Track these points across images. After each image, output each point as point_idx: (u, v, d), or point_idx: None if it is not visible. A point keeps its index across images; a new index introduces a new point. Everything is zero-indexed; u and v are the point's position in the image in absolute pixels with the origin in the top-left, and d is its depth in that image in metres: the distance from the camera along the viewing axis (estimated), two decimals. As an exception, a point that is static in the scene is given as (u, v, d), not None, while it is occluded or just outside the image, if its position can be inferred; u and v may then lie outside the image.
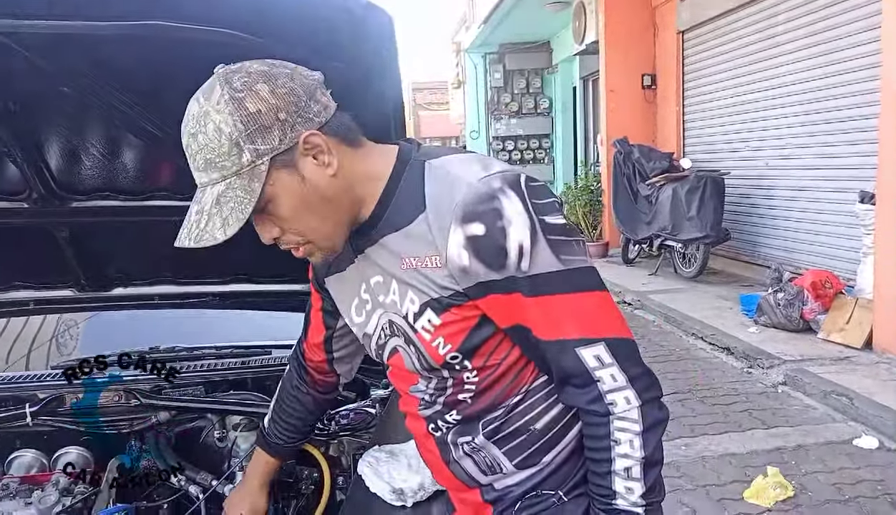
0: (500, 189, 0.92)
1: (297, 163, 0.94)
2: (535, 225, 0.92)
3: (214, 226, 0.92)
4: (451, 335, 0.99)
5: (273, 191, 0.93)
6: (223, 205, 0.92)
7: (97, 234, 1.79)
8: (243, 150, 0.90)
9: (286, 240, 1.00)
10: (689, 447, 3.62)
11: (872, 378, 4.28)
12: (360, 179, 1.00)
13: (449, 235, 0.93)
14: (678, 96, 8.49)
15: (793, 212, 6.59)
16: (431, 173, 0.98)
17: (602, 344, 0.95)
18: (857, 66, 5.56)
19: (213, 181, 0.93)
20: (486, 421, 1.05)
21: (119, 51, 1.29)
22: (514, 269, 0.93)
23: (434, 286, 0.98)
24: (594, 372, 0.95)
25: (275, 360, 1.97)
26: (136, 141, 1.51)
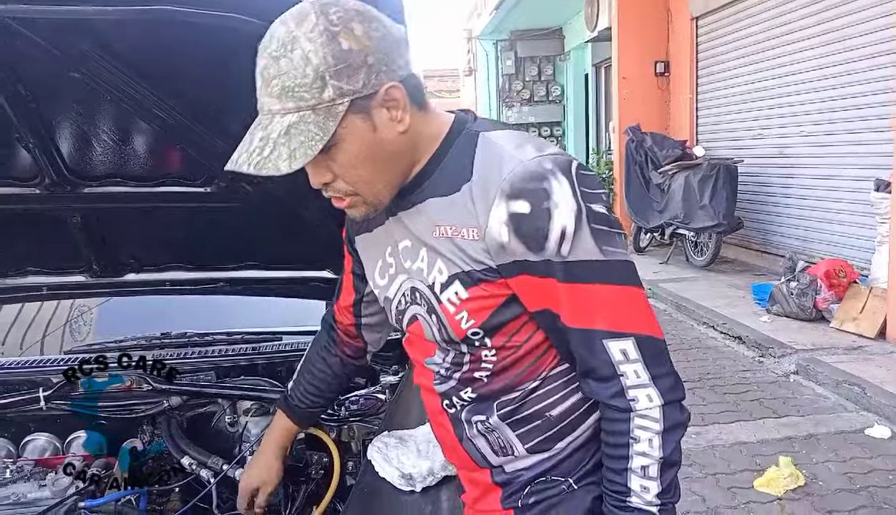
0: (552, 170, 0.91)
1: (372, 111, 0.92)
2: (581, 211, 0.91)
3: (279, 157, 0.89)
4: (476, 310, 0.98)
5: (343, 135, 0.91)
6: (292, 138, 0.89)
7: (109, 220, 1.80)
8: (327, 86, 0.88)
9: (335, 188, 0.98)
10: (699, 435, 3.61)
11: (885, 367, 4.25)
12: (421, 142, 0.99)
13: (492, 209, 0.92)
14: (692, 83, 8.41)
15: (807, 201, 6.53)
16: (484, 145, 0.97)
17: (631, 340, 0.94)
18: (873, 53, 5.48)
19: (285, 110, 0.89)
20: (501, 402, 1.04)
21: (129, 36, 1.29)
22: (553, 253, 0.91)
23: (466, 258, 0.96)
24: (619, 366, 0.94)
25: (285, 346, 1.98)
26: (146, 127, 1.52)
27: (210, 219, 1.79)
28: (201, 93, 1.46)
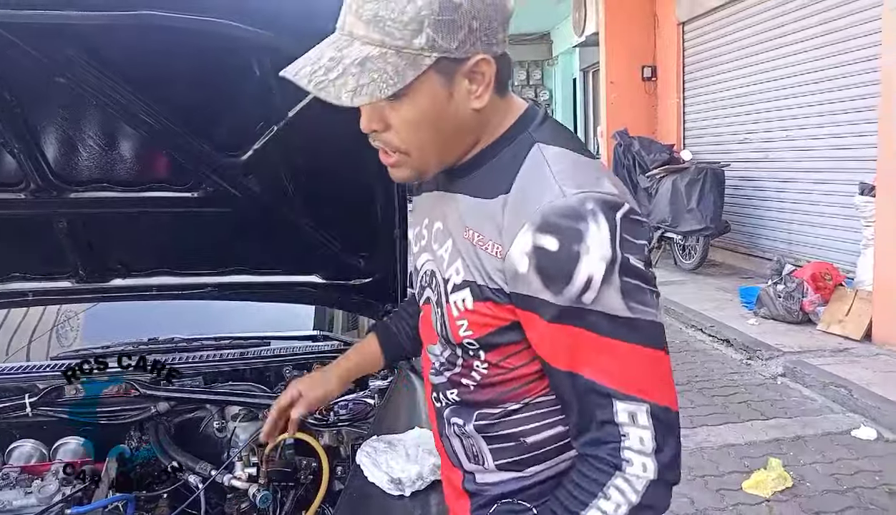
0: (593, 211, 0.83)
1: (455, 76, 0.85)
2: (614, 261, 0.83)
3: (344, 86, 0.82)
4: (477, 324, 0.93)
5: (417, 89, 0.84)
6: (365, 71, 0.82)
7: (95, 225, 1.79)
8: (422, 32, 0.81)
9: (385, 139, 0.91)
10: (687, 438, 3.63)
11: (871, 369, 4.28)
12: (488, 127, 0.93)
13: (518, 234, 0.85)
14: (678, 88, 8.47)
15: (793, 204, 6.58)
16: (534, 159, 0.89)
17: (645, 407, 0.86)
18: (858, 58, 5.54)
19: (368, 39, 0.82)
20: (481, 414, 1.01)
21: (114, 41, 1.29)
22: (573, 300, 0.83)
23: (483, 272, 0.90)
24: (622, 427, 0.87)
25: (273, 351, 1.98)
26: (132, 131, 1.51)
27: (197, 223, 1.79)
28: (187, 97, 1.45)
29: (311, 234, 1.80)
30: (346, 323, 2.46)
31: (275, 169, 1.63)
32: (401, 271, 1.83)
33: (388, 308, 1.91)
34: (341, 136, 1.57)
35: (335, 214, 1.77)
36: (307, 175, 1.67)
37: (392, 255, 1.79)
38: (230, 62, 1.37)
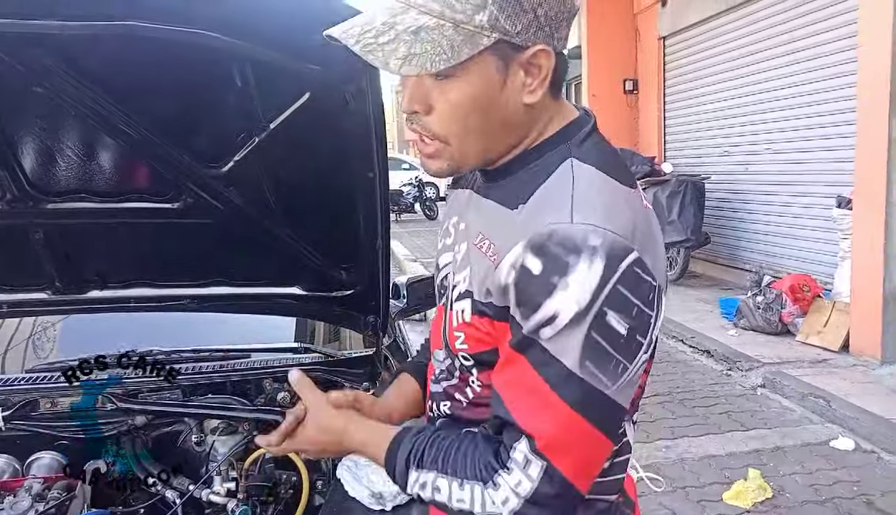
0: (592, 250, 0.76)
1: (511, 65, 0.80)
2: (589, 311, 0.75)
3: (394, 52, 0.77)
4: (472, 338, 0.89)
5: (470, 69, 0.79)
6: (418, 41, 0.76)
7: (72, 236, 1.76)
8: (486, 9, 0.76)
9: (424, 123, 0.85)
10: (669, 449, 3.64)
11: (849, 380, 4.34)
12: (535, 127, 0.87)
13: (512, 247, 0.80)
14: (659, 101, 8.56)
15: (772, 217, 6.67)
16: (562, 176, 0.83)
17: (543, 465, 0.80)
18: (835, 73, 5.64)
19: (425, 8, 0.77)
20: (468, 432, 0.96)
21: (94, 51, 1.28)
22: (532, 330, 0.78)
23: (481, 284, 0.86)
24: (512, 461, 0.82)
25: (254, 364, 1.96)
26: (112, 142, 1.50)
27: (177, 235, 1.77)
28: (168, 108, 1.44)
29: (293, 246, 1.78)
30: (328, 335, 2.45)
31: (256, 180, 1.62)
32: (383, 283, 1.82)
33: (370, 320, 1.90)
34: (324, 148, 1.58)
35: (317, 226, 1.76)
36: (289, 186, 1.66)
37: (374, 267, 1.78)
38: (211, 73, 1.37)
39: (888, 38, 4.34)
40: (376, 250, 1.72)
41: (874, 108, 4.50)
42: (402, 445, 0.92)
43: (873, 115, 4.51)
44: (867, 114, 4.60)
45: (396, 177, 15.54)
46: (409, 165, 19.23)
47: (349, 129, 1.48)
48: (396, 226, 13.29)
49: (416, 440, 0.92)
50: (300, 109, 1.45)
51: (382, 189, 1.59)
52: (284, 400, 1.82)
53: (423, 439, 0.92)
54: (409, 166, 19.04)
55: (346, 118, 1.46)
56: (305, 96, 1.42)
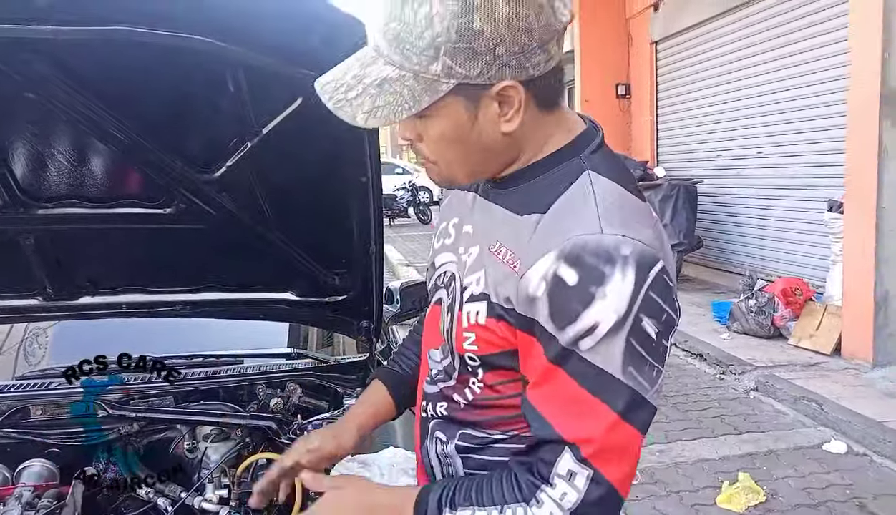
0: (625, 259, 0.78)
1: (479, 101, 0.83)
2: (627, 317, 0.78)
3: (360, 106, 0.82)
4: (484, 340, 0.90)
5: (438, 112, 0.83)
6: (382, 93, 0.81)
7: (64, 242, 1.75)
8: (437, 60, 0.79)
9: (417, 149, 0.91)
10: (662, 453, 3.65)
11: (841, 383, 4.35)
12: (532, 141, 0.89)
13: (541, 258, 0.81)
14: (652, 106, 8.60)
15: (764, 221, 6.70)
16: (581, 187, 0.85)
17: (589, 473, 0.81)
18: (827, 78, 5.68)
19: (389, 59, 0.81)
20: (464, 435, 0.99)
21: (86, 56, 1.27)
22: (570, 342, 0.80)
23: (499, 289, 0.88)
24: (555, 477, 0.83)
25: (246, 369, 1.95)
26: (103, 147, 1.49)
27: (169, 240, 1.76)
28: (160, 113, 1.44)
29: (286, 251, 1.78)
30: (321, 340, 2.44)
31: (248, 185, 1.61)
32: (376, 288, 1.82)
33: (363, 325, 1.89)
34: (317, 153, 1.57)
35: (310, 231, 1.75)
36: (281, 191, 1.66)
37: (368, 272, 1.77)
38: (204, 78, 1.36)
39: (878, 43, 4.37)
40: (370, 255, 1.72)
41: (864, 113, 4.53)
42: (430, 492, 0.92)
43: (863, 120, 4.54)
44: (857, 118, 4.63)
45: (390, 181, 15.53)
46: (402, 169, 19.23)
47: (342, 134, 1.47)
48: (390, 231, 13.28)
49: (444, 485, 0.93)
50: (293, 114, 1.44)
51: (376, 193, 1.59)
52: (277, 405, 1.81)
53: (451, 483, 0.92)
54: (403, 170, 19.04)
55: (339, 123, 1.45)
56: (298, 101, 1.42)
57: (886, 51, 4.36)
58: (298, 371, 1.96)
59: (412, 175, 17.67)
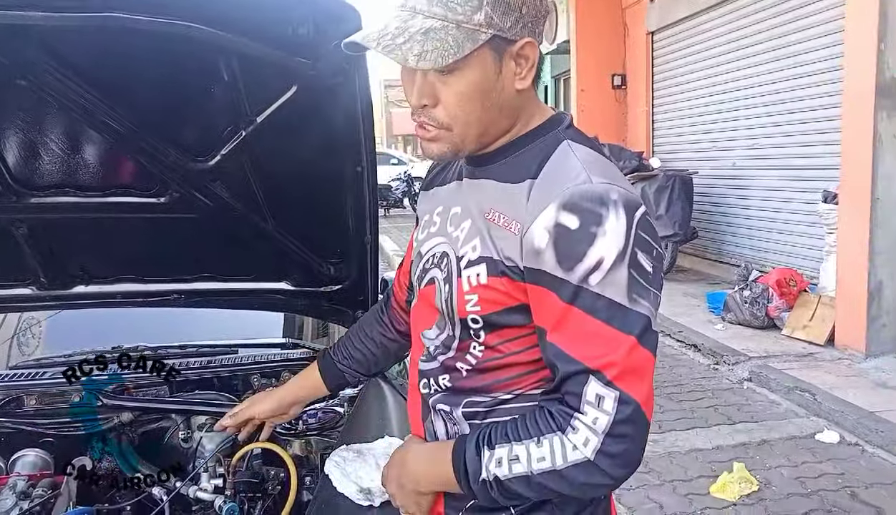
0: (615, 202, 0.88)
1: (504, 56, 0.93)
2: (626, 251, 0.87)
3: (410, 50, 0.89)
4: (486, 299, 0.96)
5: (471, 63, 0.91)
6: (428, 40, 0.89)
7: (57, 231, 1.74)
8: (482, 9, 0.89)
9: (431, 115, 0.96)
10: (656, 443, 3.66)
11: (834, 374, 4.38)
12: (524, 112, 1.00)
13: (541, 212, 0.90)
14: (648, 96, 8.58)
15: (759, 211, 6.71)
16: (563, 152, 0.96)
17: (615, 394, 0.88)
18: (822, 69, 5.68)
19: (430, 14, 0.90)
20: (470, 401, 1.02)
21: (79, 43, 1.26)
22: (580, 278, 0.87)
23: (503, 250, 0.95)
24: (584, 404, 0.89)
25: (241, 359, 1.95)
26: (96, 135, 1.48)
27: (163, 229, 1.75)
28: (154, 101, 1.43)
29: (281, 241, 1.77)
30: (316, 330, 2.44)
31: (243, 174, 1.61)
32: (371, 278, 1.81)
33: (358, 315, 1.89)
34: (311, 142, 1.57)
35: (305, 220, 1.75)
36: (276, 180, 1.65)
37: (363, 262, 1.77)
38: (198, 66, 1.36)
39: (874, 33, 4.37)
40: (365, 245, 1.72)
41: (859, 104, 4.53)
42: (466, 440, 0.98)
43: (859, 111, 4.54)
44: (852, 109, 4.63)
45: (385, 171, 15.50)
46: (397, 160, 19.18)
47: (337, 123, 1.47)
48: (385, 221, 13.27)
49: (479, 430, 0.98)
50: (287, 103, 1.44)
51: (370, 183, 1.59)
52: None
53: (486, 427, 0.98)
54: (398, 161, 19.00)
55: (334, 112, 1.45)
56: (293, 89, 1.41)
57: (882, 41, 4.35)
58: (293, 360, 1.96)
59: (407, 165, 17.63)
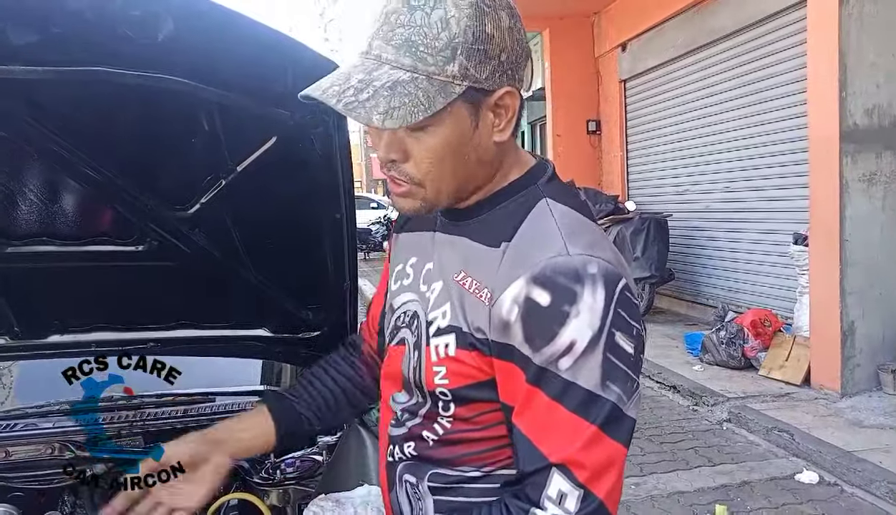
0: (592, 277, 0.81)
1: (480, 109, 0.85)
2: (602, 333, 0.80)
3: (375, 107, 0.80)
4: (455, 372, 0.89)
5: (443, 118, 0.83)
6: (395, 95, 0.80)
7: (33, 280, 1.73)
8: (456, 59, 0.81)
9: (401, 171, 0.88)
10: (638, 486, 3.65)
11: (812, 414, 4.41)
12: (502, 166, 0.92)
13: (512, 283, 0.83)
14: (622, 141, 8.77)
15: (733, 253, 6.83)
16: (540, 213, 0.88)
17: (580, 493, 0.80)
18: (789, 115, 5.86)
19: (398, 64, 0.81)
20: (435, 474, 0.96)
21: (58, 94, 1.27)
22: (549, 361, 0.81)
23: (470, 319, 0.88)
24: (545, 501, 0.81)
25: (218, 408, 1.92)
26: (74, 185, 1.48)
27: (141, 277, 1.74)
28: (133, 151, 1.44)
29: (259, 287, 1.77)
30: (294, 376, 2.42)
31: (222, 222, 1.61)
32: (351, 323, 1.81)
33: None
34: (291, 190, 1.58)
35: (284, 267, 1.75)
36: (255, 228, 1.66)
37: (342, 308, 1.77)
38: (178, 117, 1.37)
39: (834, 84, 4.53)
40: (344, 290, 1.72)
41: (825, 150, 4.67)
42: None
43: (824, 155, 4.68)
44: (818, 155, 4.77)
45: (364, 215, 15.53)
46: (377, 204, 19.25)
47: (316, 171, 1.49)
48: (365, 265, 13.25)
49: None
50: (267, 152, 1.46)
51: (349, 229, 1.60)
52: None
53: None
54: (378, 205, 19.07)
55: (313, 161, 1.47)
56: (272, 140, 1.43)
57: (844, 89, 4.52)
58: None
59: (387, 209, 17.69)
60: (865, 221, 4.62)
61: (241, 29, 1.17)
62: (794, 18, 5.55)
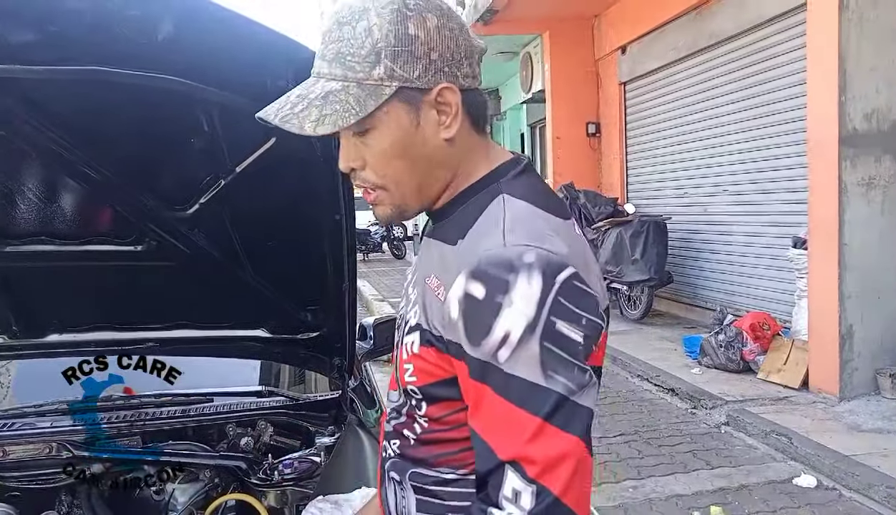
0: (528, 266, 0.80)
1: (420, 106, 0.88)
2: (536, 323, 0.78)
3: (307, 117, 0.85)
4: (420, 370, 0.91)
5: (382, 119, 0.87)
6: (328, 103, 0.85)
7: (32, 279, 1.73)
8: (380, 63, 0.85)
9: (363, 178, 0.92)
10: (636, 489, 3.64)
11: (810, 417, 4.41)
12: (464, 163, 0.93)
13: (455, 280, 0.84)
14: (621, 144, 8.78)
15: (731, 256, 6.82)
16: (494, 208, 0.88)
17: (533, 488, 0.78)
18: (789, 118, 5.86)
19: (332, 76, 0.86)
20: (414, 473, 0.97)
21: (58, 94, 1.28)
22: (489, 355, 0.80)
23: (429, 317, 0.90)
24: (503, 501, 0.80)
25: (216, 408, 1.92)
26: (74, 184, 1.49)
27: (140, 277, 1.75)
28: (133, 151, 1.44)
29: (258, 288, 1.77)
30: (293, 377, 2.42)
31: (221, 222, 1.62)
32: (349, 324, 1.81)
33: (336, 363, 1.88)
34: (290, 191, 1.58)
35: (283, 268, 1.75)
36: (254, 229, 1.66)
37: (341, 309, 1.77)
38: (178, 117, 1.37)
39: (834, 88, 4.54)
40: (343, 292, 1.72)
41: (824, 154, 4.67)
42: None
43: (824, 160, 4.68)
44: (818, 159, 4.78)
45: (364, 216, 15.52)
46: (376, 205, 19.24)
47: (315, 172, 1.50)
48: (364, 266, 13.25)
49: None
50: (267, 153, 1.46)
51: (349, 231, 1.60)
52: (248, 445, 1.79)
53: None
54: (377, 206, 19.05)
55: (313, 161, 1.47)
56: (272, 141, 1.44)
57: (843, 94, 4.52)
58: (269, 409, 1.93)
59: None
60: (864, 225, 4.62)
61: (240, 29, 1.18)
62: (794, 22, 5.56)
